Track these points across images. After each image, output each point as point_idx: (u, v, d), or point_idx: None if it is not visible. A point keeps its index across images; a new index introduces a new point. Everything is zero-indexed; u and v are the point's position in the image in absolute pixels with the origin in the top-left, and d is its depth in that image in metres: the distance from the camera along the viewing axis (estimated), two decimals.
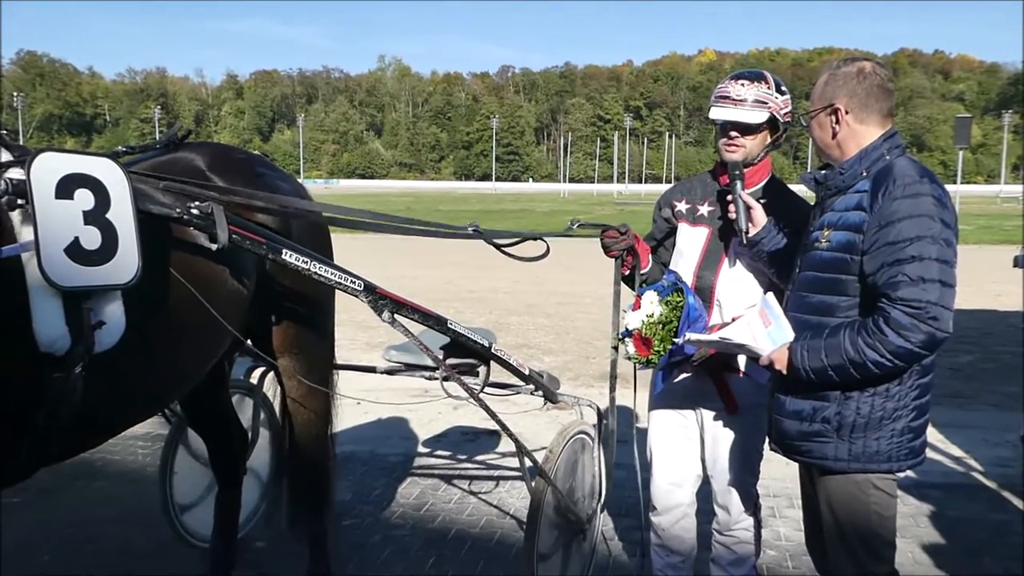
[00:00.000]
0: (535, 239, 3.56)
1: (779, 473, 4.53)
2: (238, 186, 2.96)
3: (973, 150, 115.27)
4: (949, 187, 2.46)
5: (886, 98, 2.51)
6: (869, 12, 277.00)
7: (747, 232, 2.93)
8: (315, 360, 3.47)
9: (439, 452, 5.81)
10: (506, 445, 5.93)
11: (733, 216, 2.96)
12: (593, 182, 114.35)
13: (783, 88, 3.05)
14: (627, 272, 3.32)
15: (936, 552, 4.18)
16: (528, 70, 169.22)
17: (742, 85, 3.01)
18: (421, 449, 5.84)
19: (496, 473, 5.33)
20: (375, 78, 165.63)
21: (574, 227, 3.50)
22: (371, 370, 4.23)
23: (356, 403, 4.35)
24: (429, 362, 3.81)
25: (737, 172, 2.96)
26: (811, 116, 2.58)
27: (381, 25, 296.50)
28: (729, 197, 2.99)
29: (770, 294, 2.68)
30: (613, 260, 3.31)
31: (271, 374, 4.13)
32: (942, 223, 2.31)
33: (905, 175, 2.37)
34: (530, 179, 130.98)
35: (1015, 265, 5.34)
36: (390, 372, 4.13)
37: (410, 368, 4.01)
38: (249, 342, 3.28)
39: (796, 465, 2.76)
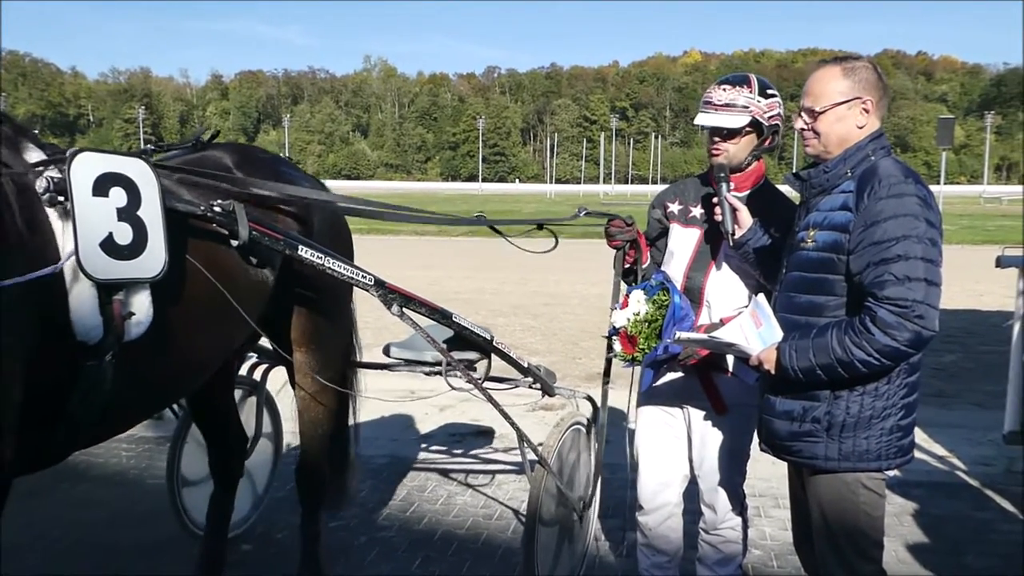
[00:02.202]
0: (540, 227, 3.59)
1: (765, 473, 4.55)
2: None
3: (956, 151, 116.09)
4: (932, 187, 2.48)
5: (889, 97, 2.60)
6: (853, 14, 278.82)
7: (733, 234, 2.95)
8: (330, 356, 3.52)
9: (425, 454, 5.81)
10: (493, 447, 5.94)
11: (719, 218, 2.97)
12: (579, 183, 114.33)
13: (769, 91, 3.05)
14: (629, 264, 3.34)
15: (920, 550, 4.21)
16: (514, 71, 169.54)
17: (724, 90, 3.04)
18: (407, 451, 5.83)
19: (483, 475, 5.33)
20: (361, 79, 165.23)
21: (581, 214, 3.51)
22: (369, 366, 4.26)
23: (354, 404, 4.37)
24: (429, 358, 3.91)
25: (722, 175, 2.98)
26: (822, 112, 2.52)
27: (366, 25, 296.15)
28: (715, 199, 3.00)
29: (761, 295, 2.69)
30: (614, 251, 3.34)
31: (272, 371, 4.18)
32: (927, 223, 2.33)
33: (890, 175, 2.38)
34: (516, 180, 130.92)
35: (998, 265, 5.36)
36: (388, 367, 4.19)
37: (410, 364, 4.06)
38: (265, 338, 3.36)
39: (782, 465, 2.77)
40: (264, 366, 4.25)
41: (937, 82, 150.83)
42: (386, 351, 4.18)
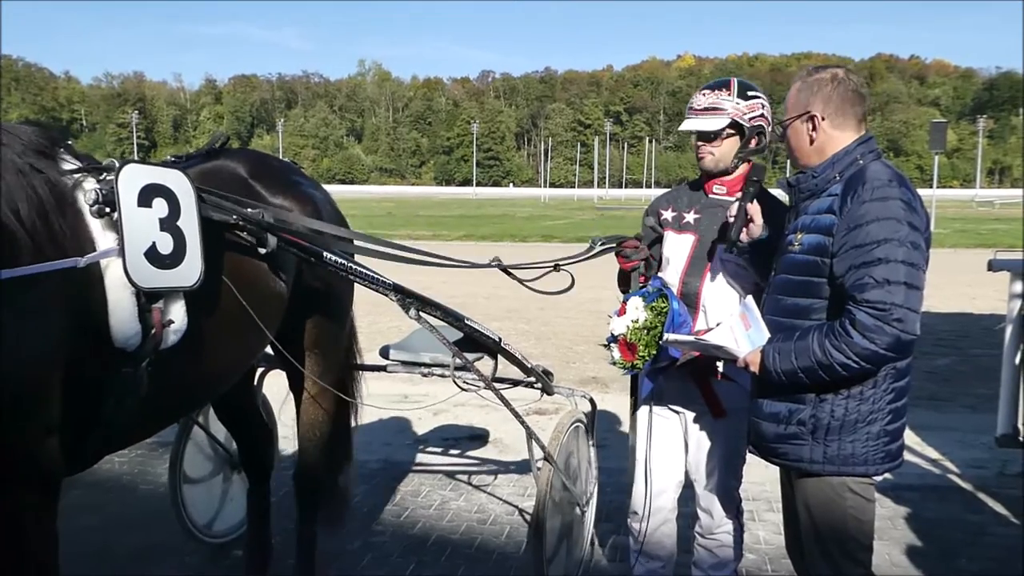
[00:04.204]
0: (557, 268, 3.59)
1: (758, 476, 4.55)
2: (276, 192, 3.16)
3: (948, 154, 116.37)
4: (925, 191, 2.50)
5: (860, 103, 2.54)
6: (847, 18, 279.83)
7: (736, 242, 2.86)
8: (332, 360, 3.59)
9: (419, 458, 5.80)
10: (487, 451, 5.94)
11: (731, 219, 2.86)
12: (574, 187, 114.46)
13: (750, 93, 3.07)
14: (643, 282, 3.31)
15: (913, 553, 4.22)
16: (508, 75, 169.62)
17: (703, 95, 3.08)
18: (401, 455, 5.82)
19: (477, 479, 5.32)
20: (355, 83, 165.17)
21: (597, 246, 3.49)
22: (372, 369, 4.28)
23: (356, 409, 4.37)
24: (426, 359, 4.03)
25: (755, 178, 2.90)
26: (786, 123, 2.60)
27: (361, 30, 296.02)
28: (738, 194, 2.94)
29: (750, 297, 2.69)
30: (628, 272, 3.32)
31: (269, 374, 4.18)
32: (909, 226, 2.32)
33: (875, 178, 2.39)
34: (511, 184, 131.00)
35: (990, 268, 5.38)
36: (385, 369, 4.22)
37: (417, 366, 4.11)
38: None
39: (775, 469, 2.77)
40: (260, 370, 4.26)
41: (930, 86, 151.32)
42: (383, 353, 4.19)
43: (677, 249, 3.22)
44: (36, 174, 2.21)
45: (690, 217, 3.22)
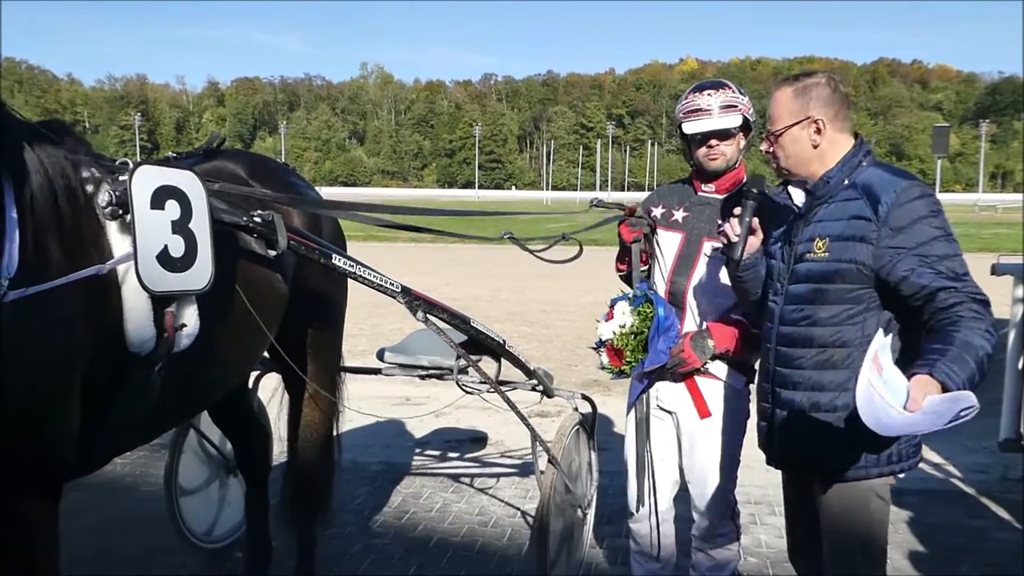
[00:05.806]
0: (565, 238, 3.59)
1: (760, 480, 4.54)
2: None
3: (951, 159, 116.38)
4: None
5: (850, 107, 2.59)
6: (849, 22, 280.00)
7: (740, 259, 2.75)
8: (327, 362, 3.58)
9: (420, 460, 5.80)
10: (488, 453, 5.93)
11: (735, 239, 2.71)
12: (576, 190, 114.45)
13: (742, 90, 3.12)
14: (644, 266, 3.27)
15: (915, 558, 4.21)
16: (510, 78, 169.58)
17: (709, 95, 3.04)
18: (402, 457, 5.82)
19: (478, 481, 5.32)
20: (357, 86, 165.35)
21: (594, 204, 3.46)
22: (368, 371, 4.27)
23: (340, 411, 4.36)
24: (424, 362, 4.04)
25: (755, 190, 2.73)
26: (778, 132, 2.51)
27: (363, 33, 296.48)
28: (737, 211, 2.75)
29: (880, 332, 2.29)
30: (632, 245, 3.25)
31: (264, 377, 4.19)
32: (944, 220, 2.39)
33: (897, 179, 2.41)
34: (513, 187, 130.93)
35: (993, 273, 5.37)
36: (380, 372, 4.23)
37: (405, 369, 4.11)
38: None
39: (776, 472, 2.76)
40: (255, 373, 4.25)
41: (932, 90, 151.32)
42: (380, 356, 4.18)
43: (665, 247, 3.21)
44: (68, 178, 2.21)
45: (679, 215, 3.21)
